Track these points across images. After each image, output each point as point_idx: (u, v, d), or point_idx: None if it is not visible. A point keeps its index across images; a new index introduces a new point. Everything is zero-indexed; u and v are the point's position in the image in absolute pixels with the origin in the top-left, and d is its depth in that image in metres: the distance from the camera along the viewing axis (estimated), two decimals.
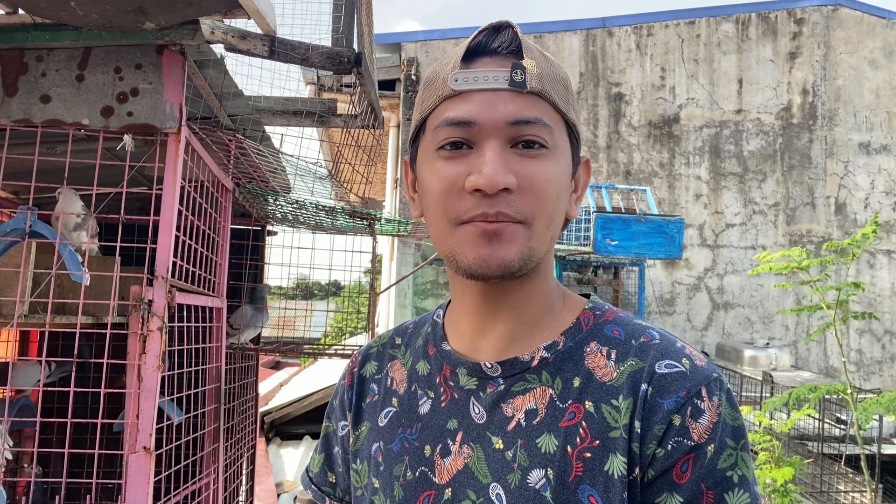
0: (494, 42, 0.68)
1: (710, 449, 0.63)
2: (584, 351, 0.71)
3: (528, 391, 0.70)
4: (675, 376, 0.66)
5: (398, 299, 7.03)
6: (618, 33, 7.73)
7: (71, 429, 1.74)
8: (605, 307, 0.76)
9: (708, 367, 0.68)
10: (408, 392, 0.78)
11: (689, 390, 0.65)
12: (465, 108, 0.66)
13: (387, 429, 0.78)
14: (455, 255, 0.67)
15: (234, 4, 1.58)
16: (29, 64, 1.70)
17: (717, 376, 0.67)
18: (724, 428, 0.64)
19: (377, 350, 0.87)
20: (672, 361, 0.67)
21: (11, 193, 2.64)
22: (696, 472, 0.63)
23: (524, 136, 0.66)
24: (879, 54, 7.93)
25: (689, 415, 0.64)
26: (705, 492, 0.63)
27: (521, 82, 0.66)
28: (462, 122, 0.66)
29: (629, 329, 0.72)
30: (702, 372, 0.66)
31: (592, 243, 5.26)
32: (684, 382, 0.65)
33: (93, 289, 1.73)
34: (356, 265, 3.56)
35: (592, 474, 0.64)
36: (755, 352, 6.25)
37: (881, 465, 4.33)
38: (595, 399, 0.67)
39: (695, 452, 0.63)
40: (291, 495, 4.51)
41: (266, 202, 2.81)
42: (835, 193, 7.76)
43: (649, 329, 0.72)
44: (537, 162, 0.66)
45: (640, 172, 7.55)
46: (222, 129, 2.01)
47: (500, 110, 0.65)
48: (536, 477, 0.66)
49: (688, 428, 0.64)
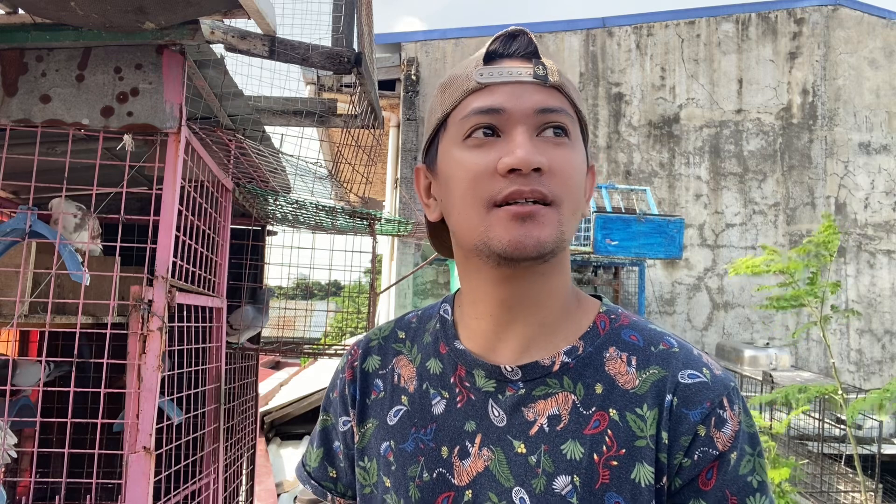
0: (512, 46, 0.71)
1: (732, 456, 0.66)
2: (603, 356, 0.72)
3: (550, 396, 0.71)
4: (698, 387, 0.68)
5: (398, 299, 7.03)
6: (618, 33, 7.73)
7: (71, 429, 1.74)
8: (619, 310, 0.78)
9: (725, 375, 0.70)
10: (419, 391, 0.78)
11: (713, 401, 0.68)
12: (493, 98, 0.68)
13: (398, 428, 0.77)
14: (489, 240, 0.67)
15: (234, 4, 1.58)
16: (29, 64, 1.70)
17: (734, 385, 0.70)
18: (743, 435, 0.67)
19: (378, 344, 0.85)
20: (694, 371, 0.70)
21: (11, 193, 2.64)
22: (721, 480, 0.66)
23: (551, 122, 0.68)
24: (879, 54, 7.93)
25: (713, 425, 0.67)
26: (729, 497, 0.66)
27: (543, 76, 0.69)
28: (491, 110, 0.68)
29: (647, 335, 0.74)
30: (721, 382, 0.69)
31: (592, 243, 5.26)
32: (708, 393, 0.68)
33: (93, 289, 1.73)
34: (356, 265, 3.57)
35: (619, 482, 0.66)
36: (755, 352, 6.25)
37: (881, 465, 4.33)
38: (619, 407, 0.69)
39: (719, 461, 0.66)
40: (291, 495, 4.51)
41: (266, 202, 2.81)
42: (835, 193, 7.75)
43: (666, 336, 0.74)
44: (563, 149, 0.69)
45: (640, 172, 7.54)
46: (222, 129, 2.01)
47: (528, 99, 0.68)
48: (562, 483, 0.67)
49: (712, 438, 0.67)
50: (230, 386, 2.68)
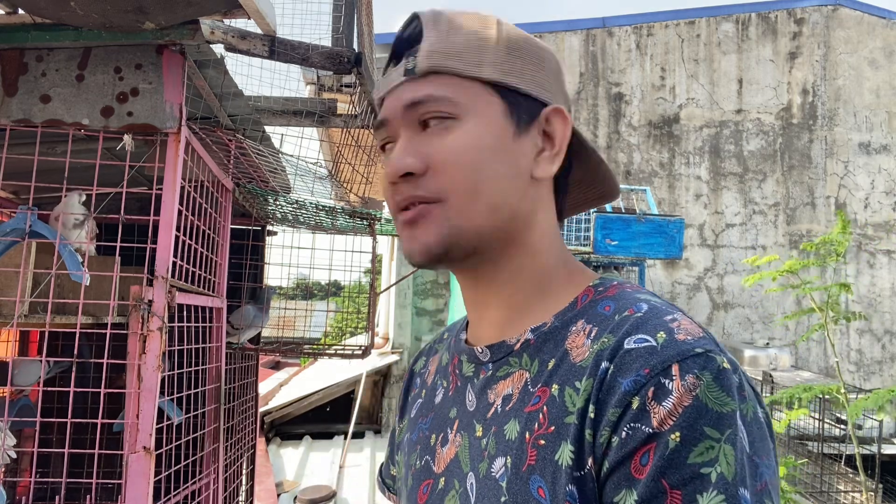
0: (402, 46, 0.69)
1: (674, 437, 0.51)
2: (569, 331, 0.64)
3: (509, 375, 0.66)
4: (641, 352, 0.55)
5: (398, 299, 7.02)
6: (618, 33, 7.72)
7: (71, 429, 1.74)
8: (613, 282, 0.68)
9: (694, 341, 0.55)
10: (432, 383, 0.81)
11: (654, 367, 0.54)
12: (382, 111, 0.69)
13: (413, 419, 0.81)
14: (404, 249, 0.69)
15: (234, 4, 1.58)
16: (29, 64, 1.70)
17: (703, 352, 0.54)
18: (703, 414, 0.52)
19: (429, 346, 0.90)
20: (644, 335, 0.57)
21: (11, 193, 2.64)
22: (657, 466, 0.51)
23: (427, 114, 0.65)
24: (879, 54, 7.92)
25: (651, 396, 0.53)
26: (668, 490, 0.51)
27: (412, 69, 0.66)
28: (381, 125, 0.69)
29: (621, 303, 0.63)
30: (678, 346, 0.55)
31: (592, 243, 5.26)
32: (650, 358, 0.55)
33: (93, 289, 1.73)
34: (356, 265, 3.56)
35: (543, 464, 0.57)
36: (755, 352, 6.25)
37: (881, 465, 4.33)
38: (561, 381, 0.60)
39: (656, 441, 0.52)
40: (291, 495, 4.51)
41: (266, 202, 2.81)
42: (835, 193, 7.75)
43: (641, 302, 0.62)
44: (447, 135, 0.64)
45: (640, 172, 7.54)
46: (222, 129, 2.01)
47: (398, 100, 0.67)
48: (498, 465, 0.61)
49: (648, 412, 0.53)
50: (230, 386, 2.68)
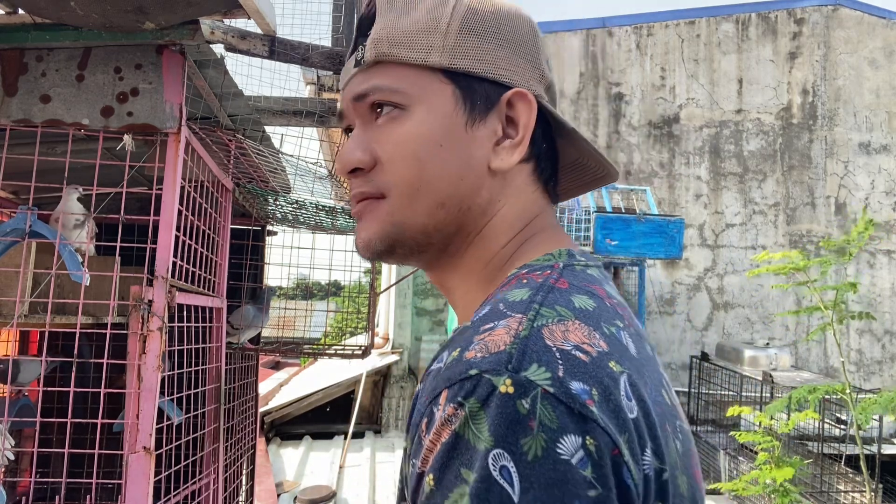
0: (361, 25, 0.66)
1: (428, 481, 0.44)
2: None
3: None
4: (431, 375, 0.49)
5: (398, 299, 7.02)
6: (618, 33, 7.72)
7: (71, 429, 1.74)
8: (522, 271, 0.58)
9: (478, 360, 0.45)
10: None
11: (430, 394, 0.47)
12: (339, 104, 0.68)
13: None
14: None
15: (234, 4, 1.58)
16: (29, 64, 1.70)
17: (475, 374, 0.44)
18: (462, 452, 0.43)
19: None
20: (447, 352, 0.50)
21: (11, 193, 2.64)
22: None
23: (375, 105, 0.62)
24: (879, 54, 7.92)
25: (423, 429, 0.46)
26: None
27: (360, 60, 0.63)
28: (339, 117, 0.68)
29: (490, 303, 0.54)
30: (455, 367, 0.46)
31: (592, 243, 5.25)
32: (432, 383, 0.48)
33: (93, 289, 1.73)
34: (356, 265, 3.56)
35: (400, 496, 0.53)
36: (755, 352, 6.25)
37: (881, 465, 4.33)
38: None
39: (421, 483, 0.45)
40: (291, 495, 4.51)
41: (266, 202, 2.81)
42: (835, 193, 7.75)
43: (500, 302, 0.52)
44: (392, 128, 0.60)
45: (640, 172, 7.54)
46: (222, 129, 2.01)
47: (350, 93, 0.64)
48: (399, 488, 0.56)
49: (422, 447, 0.45)
50: (230, 386, 2.68)
